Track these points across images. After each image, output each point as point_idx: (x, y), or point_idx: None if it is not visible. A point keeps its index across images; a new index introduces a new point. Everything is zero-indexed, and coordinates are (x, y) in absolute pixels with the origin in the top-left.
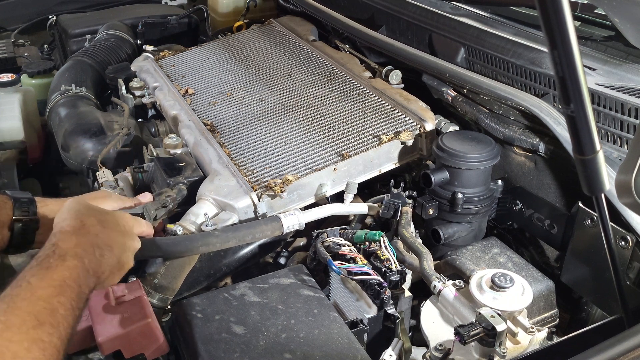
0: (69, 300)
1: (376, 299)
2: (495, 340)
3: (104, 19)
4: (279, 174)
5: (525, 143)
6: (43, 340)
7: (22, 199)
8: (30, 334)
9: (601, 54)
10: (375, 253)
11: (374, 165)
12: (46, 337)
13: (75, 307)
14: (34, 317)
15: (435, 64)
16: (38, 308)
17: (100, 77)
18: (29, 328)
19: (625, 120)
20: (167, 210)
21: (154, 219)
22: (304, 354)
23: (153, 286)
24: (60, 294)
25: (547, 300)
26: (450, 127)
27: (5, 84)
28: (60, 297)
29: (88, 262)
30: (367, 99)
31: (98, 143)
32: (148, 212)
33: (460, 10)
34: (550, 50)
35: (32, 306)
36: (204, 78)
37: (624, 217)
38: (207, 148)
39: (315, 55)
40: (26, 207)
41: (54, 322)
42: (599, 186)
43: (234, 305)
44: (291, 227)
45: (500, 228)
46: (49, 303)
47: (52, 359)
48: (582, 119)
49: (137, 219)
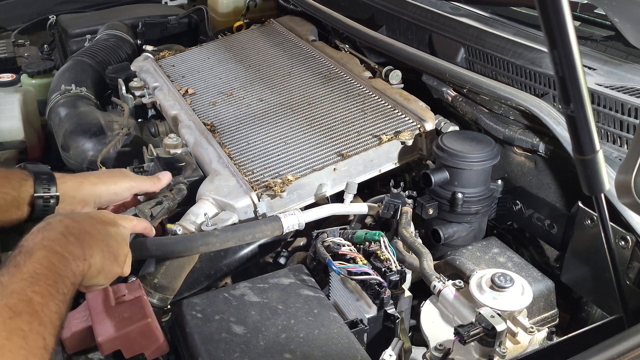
0: (44, 288)
1: (376, 299)
2: (495, 340)
3: (104, 19)
4: (279, 173)
5: (525, 143)
6: (22, 329)
7: (42, 175)
8: (7, 324)
9: (601, 54)
10: (375, 253)
11: (374, 165)
12: (25, 325)
13: (56, 292)
14: (8, 309)
15: (435, 64)
16: (12, 301)
17: (100, 77)
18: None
19: (625, 120)
20: (166, 208)
21: (150, 217)
22: (304, 354)
23: (153, 286)
24: (33, 284)
25: (547, 300)
26: (450, 127)
27: (5, 84)
28: (34, 287)
29: (61, 248)
30: (367, 99)
31: (98, 143)
32: (142, 212)
33: (460, 10)
34: (550, 50)
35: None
36: (204, 78)
37: (624, 217)
38: (207, 148)
39: (315, 55)
40: (46, 184)
41: (31, 310)
42: (599, 186)
43: (234, 305)
44: (291, 227)
45: (500, 228)
46: (23, 294)
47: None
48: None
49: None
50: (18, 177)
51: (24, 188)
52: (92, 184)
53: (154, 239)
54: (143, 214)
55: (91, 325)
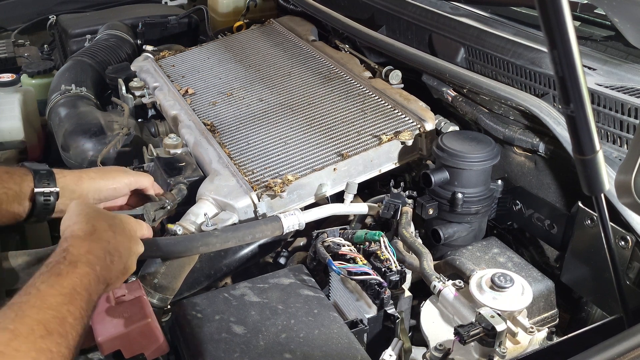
0: (78, 309)
1: (376, 299)
2: (495, 340)
3: (104, 19)
4: (279, 173)
5: (525, 143)
6: (51, 350)
7: (41, 171)
8: (38, 343)
9: (601, 54)
10: (375, 253)
11: (374, 165)
12: (54, 347)
13: (85, 315)
14: (42, 326)
15: (435, 64)
16: (47, 317)
17: (100, 77)
18: (37, 337)
19: (625, 120)
20: (166, 211)
21: (152, 220)
22: (304, 354)
23: (153, 286)
24: (70, 302)
25: (547, 300)
26: (450, 127)
27: (5, 84)
28: (70, 306)
29: (100, 269)
30: (367, 99)
31: (98, 143)
32: (148, 214)
33: (460, 10)
34: (550, 50)
35: (41, 315)
36: (204, 78)
37: (624, 217)
38: (207, 148)
39: (315, 55)
40: (46, 179)
41: (63, 331)
42: (599, 186)
43: (234, 305)
44: (291, 227)
45: (500, 228)
46: (58, 312)
47: None
48: (582, 119)
49: (139, 222)
50: (19, 173)
51: (25, 183)
52: (91, 179)
53: (154, 239)
54: (148, 216)
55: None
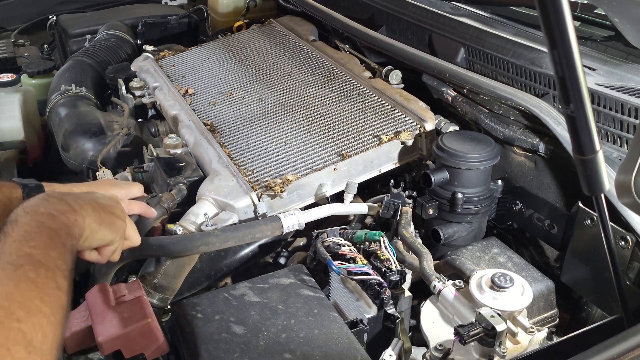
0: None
1: (376, 299)
2: (495, 340)
3: (104, 19)
4: (279, 174)
5: (525, 143)
6: (29, 276)
7: (30, 184)
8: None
9: (601, 54)
10: (375, 253)
11: (374, 165)
12: (31, 273)
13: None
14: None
15: (435, 64)
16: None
17: (100, 77)
18: (9, 273)
19: (625, 120)
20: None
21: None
22: (304, 354)
23: (153, 286)
24: (28, 240)
25: (547, 300)
26: (450, 127)
27: (5, 84)
28: (30, 242)
29: (44, 208)
30: (367, 99)
31: (98, 143)
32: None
33: (460, 10)
34: (550, 50)
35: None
36: (204, 78)
37: (624, 217)
38: (207, 148)
39: (315, 55)
40: (35, 192)
41: (33, 261)
42: (599, 186)
43: (234, 305)
44: (291, 227)
45: (500, 228)
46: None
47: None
48: (582, 119)
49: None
50: (8, 186)
51: (14, 196)
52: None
53: (154, 239)
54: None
55: (91, 325)
